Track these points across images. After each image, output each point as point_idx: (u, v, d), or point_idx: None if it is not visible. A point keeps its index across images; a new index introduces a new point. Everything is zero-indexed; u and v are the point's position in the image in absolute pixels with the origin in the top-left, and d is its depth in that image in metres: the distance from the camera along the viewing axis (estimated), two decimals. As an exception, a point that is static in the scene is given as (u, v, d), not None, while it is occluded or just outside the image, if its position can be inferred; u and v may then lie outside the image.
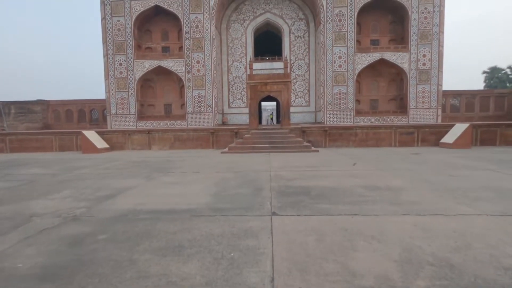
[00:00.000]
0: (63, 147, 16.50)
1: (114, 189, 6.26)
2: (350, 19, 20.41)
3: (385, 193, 5.46)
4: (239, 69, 24.36)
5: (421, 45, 20.39)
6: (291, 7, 23.69)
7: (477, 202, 4.70)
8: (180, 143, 16.26)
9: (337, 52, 20.72)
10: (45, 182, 7.30)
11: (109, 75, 21.63)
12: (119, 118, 21.92)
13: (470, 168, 8.14)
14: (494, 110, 24.26)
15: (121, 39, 21.32)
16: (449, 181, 6.43)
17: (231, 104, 24.75)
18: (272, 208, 4.63)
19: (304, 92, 24.26)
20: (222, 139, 16.19)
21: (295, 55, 24.02)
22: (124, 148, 16.41)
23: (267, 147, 13.83)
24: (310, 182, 6.56)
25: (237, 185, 6.42)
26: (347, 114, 21.02)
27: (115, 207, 4.86)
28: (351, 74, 20.80)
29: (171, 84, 23.14)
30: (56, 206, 4.99)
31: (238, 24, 24.11)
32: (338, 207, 4.64)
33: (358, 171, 8.09)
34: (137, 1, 21.06)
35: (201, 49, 21.19)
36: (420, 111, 20.83)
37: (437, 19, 20.19)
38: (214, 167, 9.36)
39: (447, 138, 14.51)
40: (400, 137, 15.54)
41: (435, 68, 20.50)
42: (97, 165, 10.28)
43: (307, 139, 15.56)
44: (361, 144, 15.56)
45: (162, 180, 7.23)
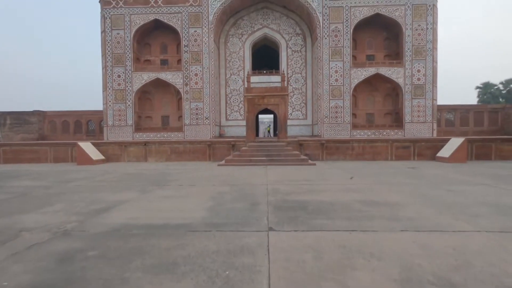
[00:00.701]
0: (58, 158, 16.30)
1: (107, 202, 6.14)
2: (346, 35, 20.86)
3: (382, 208, 5.40)
4: (236, 82, 24.59)
5: (415, 60, 20.81)
6: (289, 22, 24.21)
7: (475, 218, 4.66)
8: (177, 155, 16.16)
9: (334, 66, 21.05)
10: (37, 195, 7.15)
11: (107, 87, 21.70)
12: (116, 130, 21.84)
13: (467, 183, 8.13)
14: (488, 124, 24.57)
15: (120, 51, 21.52)
16: (446, 196, 6.40)
17: (228, 116, 24.83)
18: (268, 223, 4.54)
19: (301, 105, 24.46)
20: (219, 152, 16.13)
21: (292, 69, 24.36)
22: (120, 160, 16.25)
23: (264, 160, 13.78)
24: (307, 197, 6.49)
25: (234, 199, 6.33)
26: (344, 127, 21.15)
27: (107, 221, 4.74)
28: (347, 88, 21.07)
29: (169, 96, 23.24)
30: (47, 220, 4.86)
31: (236, 38, 24.52)
32: (335, 222, 4.56)
33: (355, 185, 8.05)
34: (137, 15, 21.41)
35: (199, 62, 21.42)
36: (415, 125, 21.03)
37: (430, 36, 20.71)
38: (210, 180, 9.27)
39: (443, 152, 14.59)
40: (396, 151, 15.59)
41: (429, 83, 20.85)
42: (91, 177, 10.13)
43: (304, 152, 15.55)
44: (358, 157, 15.57)
45: (157, 194, 7.11)
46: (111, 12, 21.42)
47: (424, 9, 20.62)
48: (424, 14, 20.63)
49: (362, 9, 20.73)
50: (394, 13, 20.66)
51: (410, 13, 20.63)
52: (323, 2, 20.79)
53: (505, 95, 42.16)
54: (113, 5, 21.38)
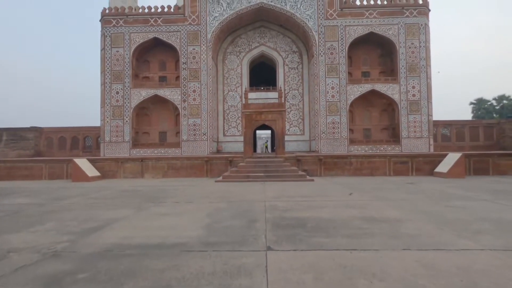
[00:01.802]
0: (53, 175, 16.07)
1: (101, 220, 5.97)
2: (342, 53, 21.30)
3: (383, 225, 5.29)
4: (234, 98, 24.80)
5: (410, 77, 21.18)
6: (285, 40, 24.75)
7: (478, 235, 4.56)
8: (174, 172, 16.00)
9: (330, 83, 21.35)
10: (29, 213, 6.96)
11: (105, 103, 21.76)
12: (113, 146, 21.71)
13: (467, 199, 8.06)
14: (484, 140, 24.73)
15: (119, 68, 21.75)
16: (447, 212, 6.31)
17: (226, 132, 24.84)
18: (267, 242, 4.41)
19: (299, 121, 24.59)
20: (216, 168, 16.00)
21: (289, 85, 24.68)
22: (116, 177, 16.04)
23: (262, 176, 13.66)
24: (306, 213, 6.37)
25: (231, 216, 6.20)
26: (341, 143, 21.19)
27: (100, 241, 4.59)
28: (343, 104, 21.28)
29: (167, 113, 23.30)
30: (38, 240, 4.69)
31: (234, 56, 24.95)
32: (335, 240, 4.44)
33: (354, 201, 7.94)
34: (137, 33, 21.82)
35: (197, 79, 21.66)
36: (412, 140, 21.12)
37: (424, 54, 21.18)
38: (207, 196, 9.12)
39: (441, 168, 14.57)
40: (394, 166, 15.56)
41: (424, 99, 21.13)
42: (86, 194, 9.94)
43: (302, 168, 15.47)
44: (356, 173, 15.50)
45: (152, 211, 6.95)
46: (111, 30, 21.82)
47: (417, 28, 21.21)
48: (416, 33, 21.20)
49: (357, 28, 21.28)
50: (388, 32, 21.21)
51: (403, 32, 21.19)
52: (318, 21, 21.36)
53: (499, 110, 42.82)
54: (113, 24, 21.82)
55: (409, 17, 21.21)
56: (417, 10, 21.20)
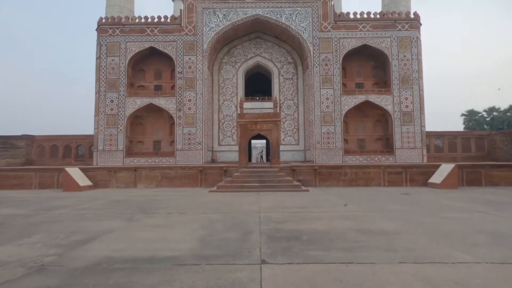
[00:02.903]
0: (43, 184, 15.71)
1: (90, 232, 5.80)
2: (336, 64, 21.61)
3: (379, 237, 5.24)
4: (229, 108, 24.84)
5: (402, 88, 21.51)
6: (281, 51, 25.05)
7: (474, 248, 4.53)
8: (168, 181, 15.79)
9: (325, 93, 21.55)
10: (16, 224, 6.74)
11: (99, 112, 21.57)
12: (106, 155, 21.41)
13: (461, 210, 8.06)
14: (476, 151, 25.06)
15: (114, 77, 21.68)
16: (442, 224, 6.29)
17: (221, 141, 24.76)
18: (261, 255, 4.32)
19: (294, 131, 24.66)
20: (211, 177, 15.85)
21: (284, 95, 24.85)
22: (109, 186, 15.76)
23: (257, 186, 13.55)
24: (301, 225, 6.29)
25: (225, 228, 6.08)
26: (336, 153, 21.24)
27: (89, 254, 4.43)
28: (338, 114, 21.45)
29: (161, 121, 23.17)
30: (23, 253, 4.51)
31: (230, 66, 25.12)
32: (331, 254, 4.37)
33: (349, 212, 7.88)
34: (133, 42, 21.87)
35: (193, 88, 21.67)
36: (406, 151, 21.29)
37: (416, 66, 21.60)
38: (201, 207, 8.98)
39: (435, 178, 14.66)
40: (389, 176, 15.61)
41: (417, 110, 21.42)
42: (76, 204, 9.70)
43: (297, 178, 15.41)
44: (351, 183, 15.49)
45: (144, 223, 6.80)
46: (107, 39, 21.84)
47: (409, 41, 21.69)
48: (409, 45, 21.67)
49: (351, 40, 21.67)
50: (381, 45, 21.64)
51: (395, 45, 21.64)
52: (313, 33, 21.72)
53: (489, 122, 43.64)
54: (109, 33, 21.86)
55: (401, 31, 21.71)
56: (408, 24, 21.72)
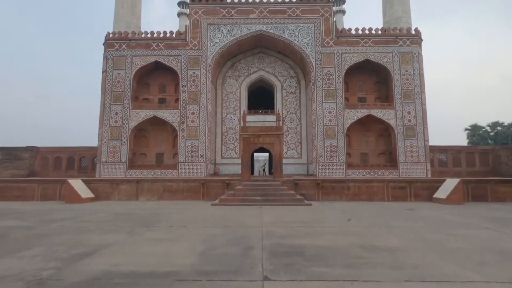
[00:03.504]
0: (45, 196, 15.68)
1: (91, 246, 5.74)
2: (338, 79, 21.83)
3: (384, 254, 5.12)
4: (232, 121, 25.00)
5: (405, 103, 21.59)
6: (283, 66, 25.42)
7: (482, 267, 4.41)
8: (170, 194, 15.71)
9: (327, 107, 21.67)
10: (17, 236, 6.70)
11: (104, 124, 21.79)
12: (109, 167, 21.47)
13: (468, 227, 7.91)
14: (480, 166, 24.81)
15: (120, 90, 22.03)
16: (448, 241, 6.15)
17: (223, 154, 24.77)
18: (263, 271, 4.23)
19: (296, 145, 24.66)
20: (213, 191, 15.76)
21: (287, 109, 25.02)
22: (110, 198, 15.69)
23: (259, 200, 13.43)
24: (304, 240, 6.18)
25: (226, 243, 5.99)
26: (339, 166, 21.13)
27: (88, 268, 4.37)
28: (341, 128, 21.48)
29: (165, 134, 23.32)
30: (23, 266, 4.46)
31: (233, 79, 25.48)
32: (335, 270, 4.27)
33: (353, 228, 7.76)
34: (139, 56, 22.35)
35: (196, 101, 21.92)
36: (409, 165, 21.13)
37: (418, 81, 21.76)
38: (203, 221, 8.89)
39: (440, 194, 14.45)
40: (392, 191, 15.42)
41: (420, 125, 21.41)
42: (78, 217, 9.65)
43: (299, 192, 15.27)
44: (354, 198, 15.30)
45: (145, 236, 6.72)
46: (113, 54, 22.35)
47: (410, 56, 21.96)
48: (410, 61, 21.92)
49: (353, 55, 21.99)
50: (383, 60, 21.91)
51: (397, 60, 21.90)
52: (315, 48, 22.09)
53: (493, 137, 43.38)
54: (116, 47, 22.39)
55: (402, 46, 22.01)
56: (410, 40, 22.05)
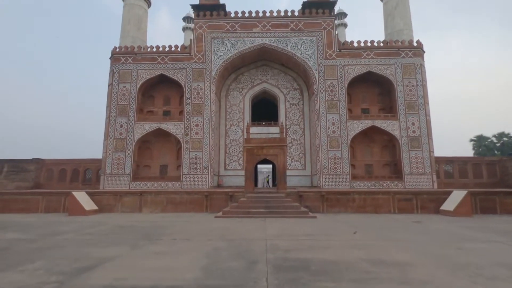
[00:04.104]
0: (49, 208, 15.70)
1: (93, 259, 5.68)
2: (341, 90, 21.93)
3: (391, 269, 4.99)
4: (236, 132, 25.08)
5: (409, 114, 21.53)
6: (286, 78, 25.66)
7: (494, 282, 4.26)
8: (173, 206, 15.63)
9: (330, 119, 21.68)
10: (19, 249, 6.66)
11: (109, 136, 21.99)
12: (113, 179, 21.51)
13: (477, 240, 7.70)
14: (487, 177, 24.39)
15: (125, 103, 22.33)
16: (458, 255, 5.98)
17: (227, 166, 24.74)
18: (268, 286, 4.13)
19: (300, 156, 24.57)
20: (217, 203, 15.65)
21: (290, 120, 25.08)
22: (114, 211, 15.65)
23: (263, 212, 13.29)
24: (309, 254, 6.06)
25: (230, 257, 5.89)
26: (343, 178, 20.92)
27: (90, 282, 4.31)
28: (344, 139, 21.40)
29: (169, 146, 23.43)
30: (24, 280, 4.41)
31: (237, 92, 25.73)
32: (341, 286, 4.15)
33: (359, 241, 7.60)
34: (144, 70, 22.76)
35: (200, 113, 22.10)
36: (415, 176, 20.86)
37: (421, 92, 21.75)
38: (206, 234, 8.78)
39: (447, 206, 14.19)
40: (398, 203, 15.18)
41: (424, 136, 21.25)
42: (81, 229, 9.61)
43: (304, 204, 15.09)
44: (359, 210, 15.08)
45: (148, 249, 6.65)
46: (119, 67, 22.79)
47: (413, 68, 22.05)
48: (413, 72, 21.99)
49: (355, 67, 22.15)
50: (385, 71, 22.02)
51: (400, 71, 21.99)
52: (318, 60, 22.32)
53: (500, 147, 42.83)
54: (122, 61, 22.86)
55: (405, 58, 22.14)
56: (412, 52, 22.20)
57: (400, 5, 24.25)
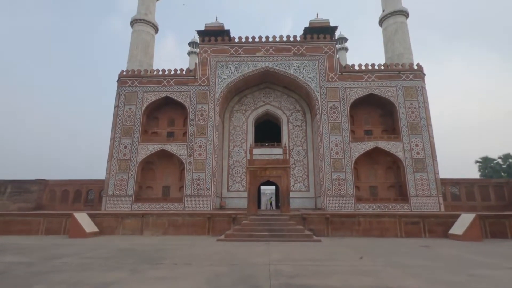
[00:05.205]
0: (50, 230, 15.48)
1: (92, 284, 5.52)
2: (344, 112, 22.14)
3: (401, 297, 4.78)
4: (239, 154, 25.12)
5: (412, 135, 21.52)
6: (289, 100, 26.05)
7: (510, 313, 4.05)
8: (175, 229, 15.36)
9: (334, 140, 21.72)
10: (17, 274, 6.52)
11: (113, 157, 22.13)
12: (115, 200, 21.38)
13: (489, 267, 7.40)
14: (496, 199, 23.87)
15: (130, 124, 22.67)
16: (470, 283, 5.74)
17: (230, 187, 24.56)
18: (271, 316, 3.96)
19: (303, 177, 24.38)
20: (219, 225, 15.37)
21: (293, 142, 25.15)
22: (115, 233, 15.39)
23: (266, 235, 12.99)
24: (314, 280, 5.85)
25: (232, 283, 5.70)
26: (348, 200, 20.60)
27: (88, 310, 4.16)
28: (348, 161, 21.30)
29: (172, 167, 23.44)
30: (20, 307, 4.28)
31: (240, 113, 26.07)
32: (349, 316, 3.96)
33: (366, 267, 7.34)
34: (150, 92, 23.30)
35: (204, 134, 22.29)
36: (421, 199, 20.48)
37: (423, 114, 21.86)
38: (208, 258, 8.56)
39: (456, 229, 13.78)
40: (405, 227, 14.78)
41: (429, 157, 21.09)
42: (80, 253, 9.42)
43: (308, 227, 14.76)
44: (365, 233, 14.69)
45: (148, 274, 6.46)
46: (126, 90, 23.37)
47: (414, 90, 22.33)
48: (414, 94, 22.24)
49: (357, 90, 22.49)
50: (387, 93, 22.30)
51: (401, 93, 22.25)
52: (320, 83, 22.74)
53: (506, 169, 42.21)
54: (128, 84, 23.48)
55: (406, 80, 22.49)
56: (412, 74, 22.59)
57: (400, 31, 25.00)
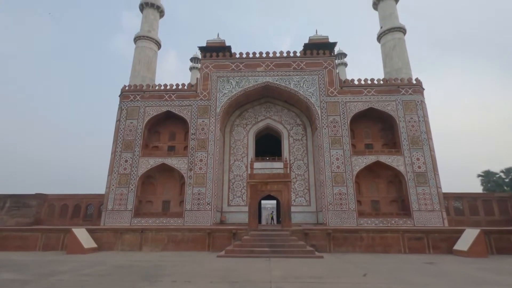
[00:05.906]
0: (47, 246, 15.24)
1: (89, 304, 5.38)
2: (344, 126, 22.21)
3: (406, 317, 4.63)
4: (240, 168, 25.04)
5: (413, 149, 21.48)
6: (290, 114, 26.22)
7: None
8: (174, 245, 15.11)
9: (334, 154, 21.68)
10: (12, 291, 6.37)
11: (113, 171, 22.06)
12: (115, 215, 21.14)
13: (497, 284, 7.22)
14: (500, 214, 23.52)
15: (131, 138, 22.74)
16: (477, 302, 5.57)
17: (230, 202, 24.32)
18: (274, 337, 3.82)
19: (305, 192, 24.18)
20: (219, 241, 15.12)
21: (294, 156, 25.11)
22: (114, 248, 15.14)
23: (267, 251, 12.76)
24: (317, 300, 5.69)
25: (233, 302, 5.54)
26: (349, 215, 20.33)
27: (84, 331, 4.03)
28: (349, 175, 21.18)
29: (172, 181, 23.31)
30: (15, 328, 4.15)
31: (241, 127, 26.18)
32: (353, 338, 3.83)
33: (370, 284, 7.17)
34: (151, 107, 23.50)
35: (204, 148, 22.31)
36: (424, 213, 20.20)
37: (424, 127, 21.90)
38: (208, 275, 8.37)
39: (461, 245, 13.53)
40: (409, 242, 14.53)
41: (430, 171, 20.96)
42: (78, 270, 9.23)
43: (310, 243, 14.51)
44: (368, 249, 14.42)
45: (147, 293, 6.31)
46: (128, 104, 23.60)
47: (414, 104, 22.49)
48: (414, 108, 22.38)
49: (357, 104, 22.66)
50: (387, 107, 22.45)
51: (401, 108, 22.40)
52: (320, 97, 22.96)
53: (509, 183, 41.88)
54: (130, 98, 23.73)
55: (405, 95, 22.70)
56: (412, 89, 22.82)
57: (397, 47, 25.49)
